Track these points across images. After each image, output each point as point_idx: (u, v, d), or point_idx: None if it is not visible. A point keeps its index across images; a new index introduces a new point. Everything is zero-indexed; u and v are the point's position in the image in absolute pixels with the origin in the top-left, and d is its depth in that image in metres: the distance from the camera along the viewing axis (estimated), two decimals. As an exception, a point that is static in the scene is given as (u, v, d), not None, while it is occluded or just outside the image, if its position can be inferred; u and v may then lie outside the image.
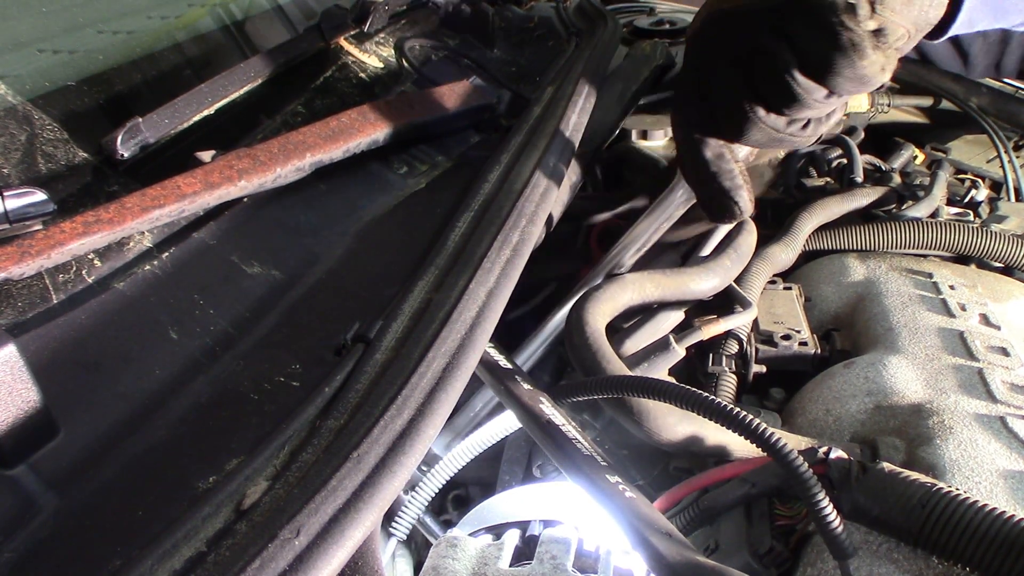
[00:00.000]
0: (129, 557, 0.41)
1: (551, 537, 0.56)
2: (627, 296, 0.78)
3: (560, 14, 1.38)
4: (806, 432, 0.71)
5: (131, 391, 0.51)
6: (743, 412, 0.56)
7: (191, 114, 0.73)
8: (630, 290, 0.79)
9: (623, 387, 0.64)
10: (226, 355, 0.56)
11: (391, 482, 0.45)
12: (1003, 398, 0.69)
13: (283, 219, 0.71)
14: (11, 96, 0.64)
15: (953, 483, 0.58)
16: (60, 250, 0.52)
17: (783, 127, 0.67)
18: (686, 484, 0.65)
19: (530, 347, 0.84)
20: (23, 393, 0.44)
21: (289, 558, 0.39)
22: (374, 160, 0.83)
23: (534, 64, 1.21)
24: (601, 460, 0.61)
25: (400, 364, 0.53)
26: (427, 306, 0.60)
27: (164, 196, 0.58)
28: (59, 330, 0.52)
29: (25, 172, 0.60)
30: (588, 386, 0.67)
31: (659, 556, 0.51)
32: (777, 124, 0.67)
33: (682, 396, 0.59)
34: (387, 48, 1.06)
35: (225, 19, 0.97)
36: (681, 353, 0.76)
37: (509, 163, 0.82)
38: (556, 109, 0.94)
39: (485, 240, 0.67)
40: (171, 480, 0.47)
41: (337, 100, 0.90)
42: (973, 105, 1.32)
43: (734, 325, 0.80)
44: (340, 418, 0.50)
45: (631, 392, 0.64)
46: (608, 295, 0.77)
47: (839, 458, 0.57)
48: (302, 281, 0.66)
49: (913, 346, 0.77)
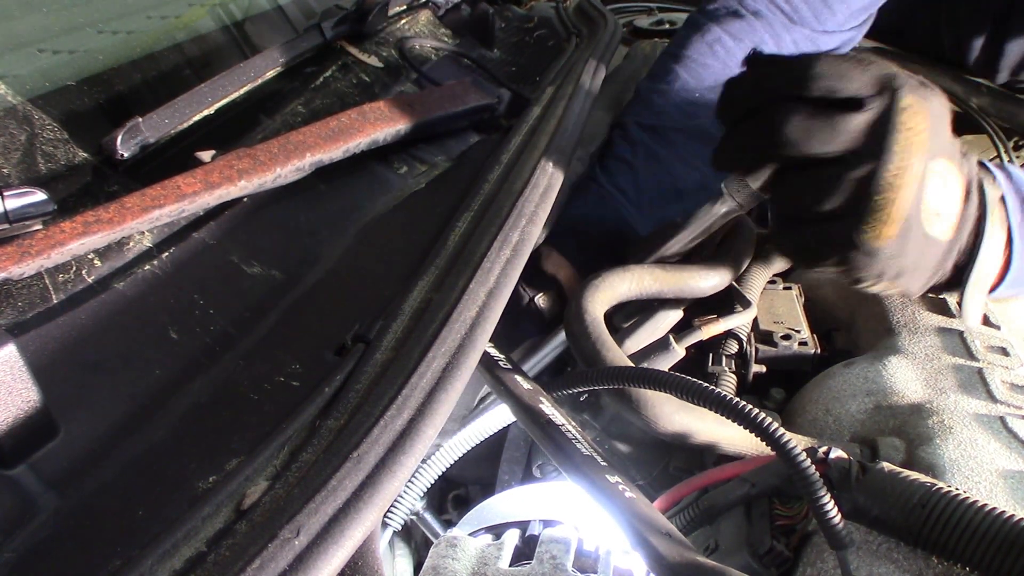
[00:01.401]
0: (129, 557, 0.41)
1: (551, 537, 0.56)
2: (626, 286, 0.78)
3: (560, 14, 1.38)
4: (806, 432, 0.71)
5: (131, 391, 0.51)
6: (743, 402, 0.56)
7: (191, 114, 0.73)
8: (629, 280, 0.79)
9: (625, 378, 0.64)
10: (226, 355, 0.56)
11: (391, 482, 0.45)
12: (1003, 398, 0.69)
13: (283, 219, 0.71)
14: (11, 96, 0.63)
15: (953, 483, 0.58)
16: (60, 250, 0.51)
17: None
18: (686, 484, 0.65)
19: (535, 357, 0.84)
20: (23, 393, 0.44)
21: (289, 558, 0.39)
22: (374, 160, 0.83)
23: (534, 64, 1.21)
24: (601, 460, 0.61)
25: (400, 364, 0.53)
26: (427, 306, 0.60)
27: (164, 196, 0.58)
28: (59, 330, 0.52)
29: (25, 172, 0.60)
30: (591, 376, 0.67)
31: (659, 556, 0.51)
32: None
33: (685, 387, 0.59)
34: (387, 48, 1.06)
35: (225, 19, 0.97)
36: (681, 353, 0.76)
37: (509, 163, 0.82)
38: (556, 109, 0.94)
39: (485, 240, 0.67)
40: (171, 480, 0.47)
41: (337, 100, 0.90)
42: (973, 105, 1.32)
43: (734, 325, 0.80)
44: (340, 418, 0.50)
45: (634, 383, 0.64)
46: (607, 284, 0.77)
47: (839, 458, 0.57)
48: (302, 281, 0.66)
49: (913, 346, 0.77)
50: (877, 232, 0.61)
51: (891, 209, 0.60)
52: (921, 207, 0.62)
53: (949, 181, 0.64)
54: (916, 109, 0.61)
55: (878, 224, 0.60)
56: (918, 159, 0.60)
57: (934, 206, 0.63)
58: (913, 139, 0.60)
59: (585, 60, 1.09)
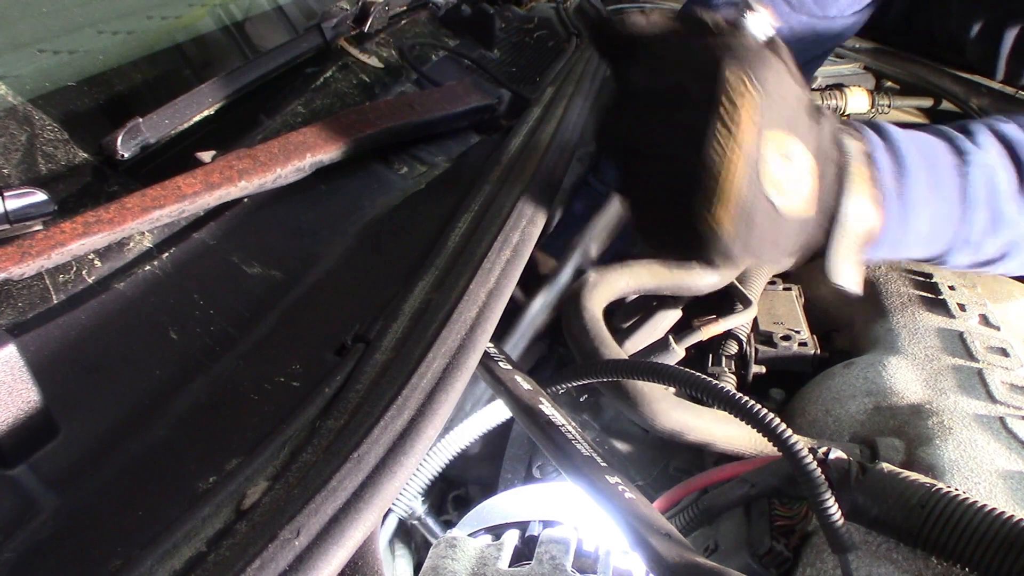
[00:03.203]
0: (129, 557, 0.41)
1: (550, 537, 0.56)
2: (623, 283, 0.78)
3: (560, 14, 1.38)
4: (806, 432, 0.71)
5: (131, 391, 0.51)
6: (748, 399, 0.56)
7: (191, 114, 0.73)
8: (627, 277, 0.78)
9: (631, 371, 0.64)
10: (226, 355, 0.56)
11: (391, 482, 0.45)
12: (1002, 398, 0.69)
13: (283, 219, 0.71)
14: (11, 96, 0.64)
15: (952, 483, 0.58)
16: (60, 250, 0.52)
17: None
18: (686, 484, 0.65)
19: (516, 333, 0.83)
20: (23, 393, 0.44)
21: (289, 558, 0.39)
22: (374, 160, 0.83)
23: (534, 64, 1.22)
24: (601, 461, 0.61)
25: (400, 364, 0.53)
26: (427, 306, 0.60)
27: (164, 196, 0.58)
28: (59, 330, 0.52)
29: (25, 172, 0.60)
30: (588, 370, 0.67)
31: (658, 557, 0.51)
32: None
33: (692, 382, 0.59)
34: (387, 48, 1.06)
35: (225, 19, 0.97)
36: (680, 353, 0.76)
37: (509, 163, 0.82)
38: (556, 109, 0.94)
39: (485, 240, 0.67)
40: (171, 480, 0.47)
41: (337, 100, 0.90)
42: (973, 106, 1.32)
43: (733, 325, 0.80)
44: (340, 418, 0.50)
45: (636, 375, 0.63)
46: (605, 281, 0.77)
47: (839, 458, 0.57)
48: (302, 281, 0.66)
49: (913, 346, 0.77)
50: (711, 215, 0.59)
51: (721, 189, 0.58)
52: (763, 183, 0.59)
53: (794, 152, 0.61)
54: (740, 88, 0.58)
55: (709, 206, 0.59)
56: (746, 136, 0.58)
57: (777, 179, 0.60)
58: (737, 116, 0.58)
59: (585, 61, 1.09)
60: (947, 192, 0.69)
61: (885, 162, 0.68)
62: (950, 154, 0.70)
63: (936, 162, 0.69)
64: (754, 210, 0.59)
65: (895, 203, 0.67)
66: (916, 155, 0.68)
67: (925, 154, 0.69)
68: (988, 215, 0.69)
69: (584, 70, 1.05)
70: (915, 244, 0.70)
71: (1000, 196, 0.69)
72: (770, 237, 0.61)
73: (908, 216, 0.68)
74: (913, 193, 0.67)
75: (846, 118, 1.30)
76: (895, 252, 0.71)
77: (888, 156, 0.68)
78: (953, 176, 0.69)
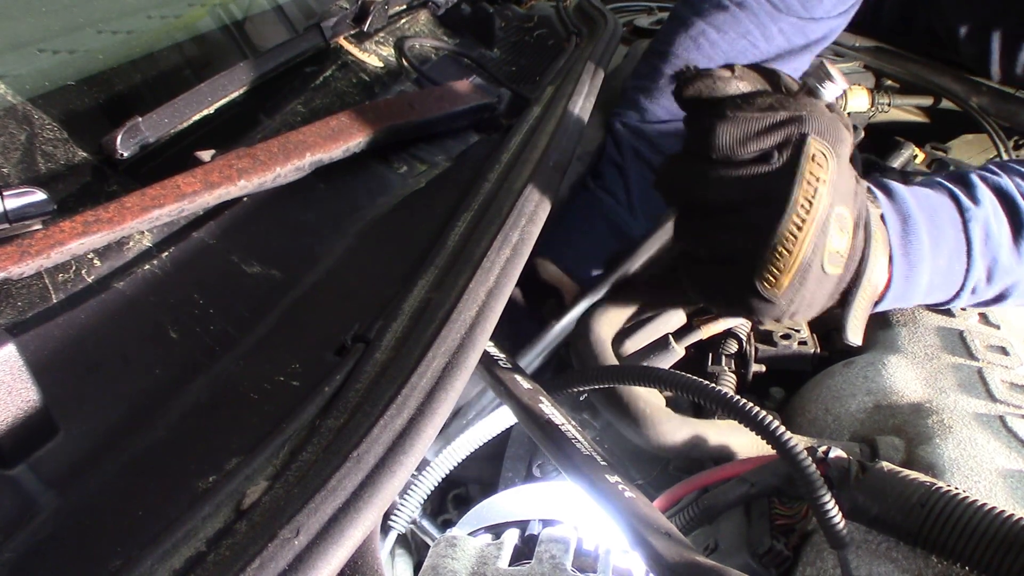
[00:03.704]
0: (129, 557, 0.41)
1: (550, 536, 0.56)
2: (635, 307, 0.79)
3: (560, 14, 1.38)
4: (806, 431, 0.71)
5: (131, 391, 0.51)
6: (744, 400, 0.56)
7: (191, 114, 0.73)
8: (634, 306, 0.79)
9: (625, 376, 0.64)
10: (226, 355, 0.56)
11: (391, 482, 0.45)
12: (1002, 397, 0.69)
13: (283, 219, 0.71)
14: (11, 96, 0.63)
15: (952, 482, 0.58)
16: (60, 250, 0.51)
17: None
18: (686, 483, 0.65)
19: (532, 352, 0.84)
20: (23, 393, 0.44)
21: (289, 558, 0.39)
22: (374, 160, 0.83)
23: (534, 64, 1.22)
24: (600, 460, 0.61)
25: (400, 364, 0.53)
26: (427, 306, 0.60)
27: (164, 196, 0.58)
28: (59, 330, 0.52)
29: (25, 172, 0.60)
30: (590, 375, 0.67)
31: (658, 556, 0.51)
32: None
33: (686, 385, 0.59)
34: (387, 48, 1.06)
35: (225, 19, 0.97)
36: (680, 352, 0.76)
37: (509, 163, 0.82)
38: (556, 109, 0.94)
39: (485, 239, 0.67)
40: (171, 480, 0.47)
41: (337, 100, 0.90)
42: (973, 104, 1.32)
43: (733, 324, 0.80)
44: (340, 418, 0.50)
45: (635, 381, 0.64)
46: (616, 306, 0.77)
47: (838, 457, 0.57)
48: (302, 281, 0.66)
49: (912, 345, 0.77)
50: (773, 281, 0.61)
51: (788, 260, 0.60)
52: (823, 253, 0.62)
53: (845, 224, 0.63)
54: (820, 160, 0.60)
55: (774, 274, 0.60)
56: (820, 209, 0.60)
57: (834, 251, 0.63)
58: (817, 193, 0.60)
59: (585, 60, 1.09)
60: (948, 248, 0.71)
61: (893, 222, 0.70)
62: (951, 210, 0.72)
63: (937, 219, 0.71)
64: (809, 278, 0.61)
65: (901, 261, 0.70)
66: (919, 214, 0.71)
67: (927, 212, 0.71)
68: (986, 266, 0.72)
69: (584, 69, 1.05)
70: (916, 297, 0.73)
71: (998, 247, 0.72)
72: (810, 299, 0.63)
73: (911, 273, 0.70)
74: (917, 251, 0.70)
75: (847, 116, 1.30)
76: (896, 305, 0.73)
77: (895, 216, 0.70)
78: (954, 232, 0.71)
